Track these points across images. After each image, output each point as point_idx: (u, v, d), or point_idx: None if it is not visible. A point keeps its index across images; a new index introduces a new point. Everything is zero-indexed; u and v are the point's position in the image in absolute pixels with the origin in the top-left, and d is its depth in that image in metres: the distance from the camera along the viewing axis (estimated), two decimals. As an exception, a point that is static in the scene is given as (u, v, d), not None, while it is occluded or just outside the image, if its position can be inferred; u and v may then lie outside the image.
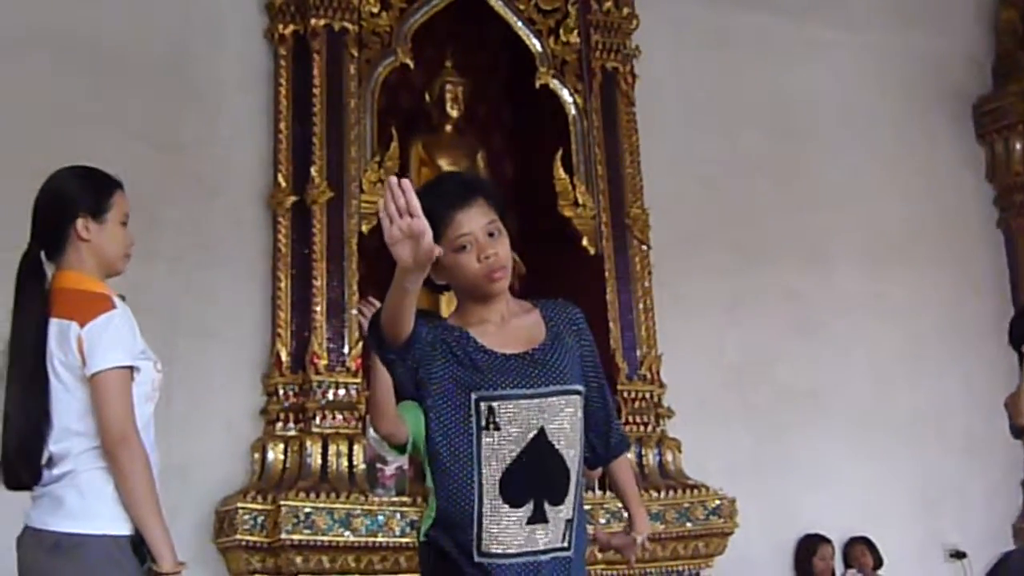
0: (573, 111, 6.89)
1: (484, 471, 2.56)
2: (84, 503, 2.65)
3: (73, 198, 2.86)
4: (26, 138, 5.17)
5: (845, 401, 7.41)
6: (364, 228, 6.31)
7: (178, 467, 5.84)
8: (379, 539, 5.79)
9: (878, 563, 7.11)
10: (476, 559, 2.56)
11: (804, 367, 7.33)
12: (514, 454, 2.56)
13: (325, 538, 5.69)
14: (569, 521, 2.61)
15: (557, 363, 2.65)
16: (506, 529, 2.56)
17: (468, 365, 2.60)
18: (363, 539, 5.76)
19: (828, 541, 7.14)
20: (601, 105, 6.93)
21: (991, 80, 8.51)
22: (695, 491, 6.31)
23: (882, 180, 7.93)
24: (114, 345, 2.68)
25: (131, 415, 2.67)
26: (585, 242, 6.59)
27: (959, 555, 7.36)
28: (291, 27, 6.39)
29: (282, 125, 6.30)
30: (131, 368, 2.71)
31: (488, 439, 2.57)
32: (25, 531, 2.68)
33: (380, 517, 5.82)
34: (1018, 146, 8.30)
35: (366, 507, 5.81)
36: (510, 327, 2.70)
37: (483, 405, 2.57)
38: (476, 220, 2.64)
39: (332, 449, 5.97)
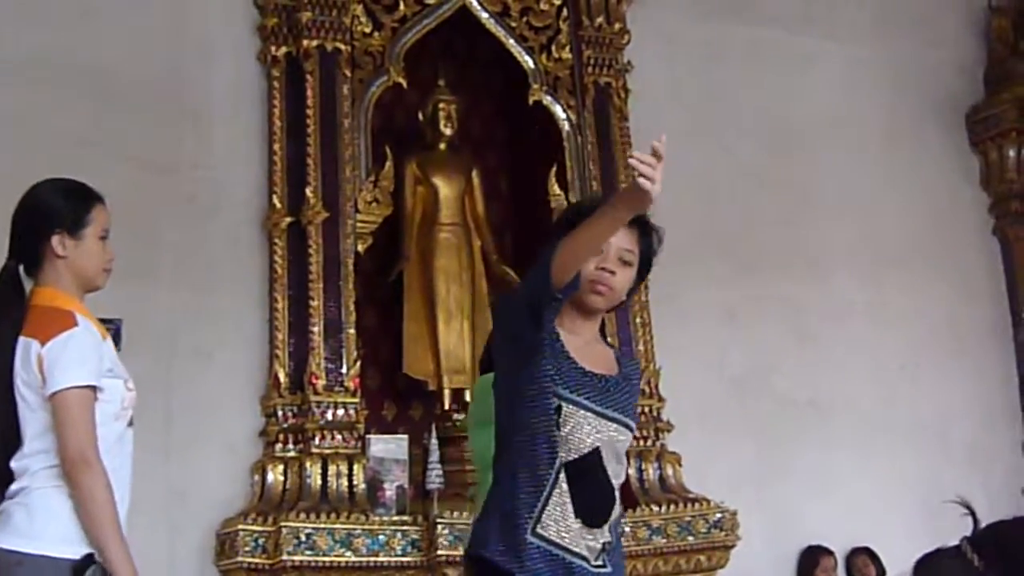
0: (567, 127, 6.89)
1: (559, 457, 2.60)
2: (30, 521, 2.59)
3: (50, 213, 2.83)
4: (22, 160, 5.17)
5: (845, 410, 7.39)
6: (360, 248, 6.31)
7: (178, 490, 5.85)
8: (380, 558, 5.78)
9: (881, 574, 7.09)
10: (529, 538, 2.57)
11: (804, 377, 7.32)
12: (573, 458, 2.61)
13: (326, 559, 5.68)
14: (608, 543, 2.66)
15: (623, 397, 2.72)
16: (558, 516, 2.59)
17: (554, 360, 2.64)
18: (364, 559, 5.75)
19: (831, 552, 7.11)
20: (595, 120, 6.94)
21: (983, 88, 8.50)
22: (696, 504, 6.29)
23: (877, 189, 7.92)
24: (74, 364, 2.63)
25: (92, 436, 2.61)
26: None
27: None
28: (283, 49, 6.40)
29: (276, 146, 6.31)
30: (93, 388, 2.65)
31: (558, 435, 2.61)
32: None
33: (381, 537, 5.81)
34: (1011, 153, 8.27)
35: (367, 527, 5.80)
36: (593, 349, 2.76)
37: (554, 400, 2.61)
38: (622, 239, 2.69)
39: (332, 469, 5.96)
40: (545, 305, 2.57)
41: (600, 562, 2.62)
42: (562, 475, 2.59)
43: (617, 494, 2.67)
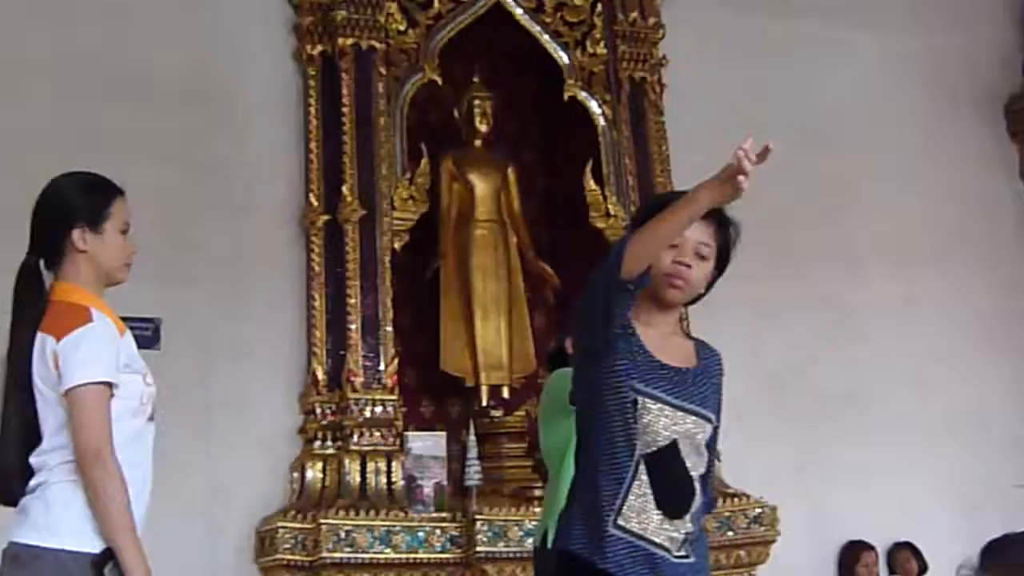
0: (602, 122, 6.89)
1: (638, 449, 2.62)
2: (48, 516, 2.58)
3: (70, 207, 2.79)
4: (59, 162, 5.20)
5: (884, 404, 7.35)
6: (396, 245, 6.33)
7: (218, 487, 5.88)
8: (420, 555, 5.80)
9: (923, 569, 7.07)
10: (611, 529, 2.59)
11: (841, 371, 7.29)
12: (650, 450, 2.62)
13: (366, 555, 5.71)
14: (689, 534, 2.66)
15: (702, 389, 2.71)
16: (638, 508, 2.60)
17: (628, 353, 2.64)
18: (403, 555, 5.77)
19: (872, 547, 7.10)
20: (630, 116, 6.94)
21: (1022, 77, 8.46)
22: (736, 500, 6.29)
23: (913, 182, 7.87)
24: (88, 360, 2.60)
25: (106, 432, 2.58)
26: (619, 250, 6.55)
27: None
28: (319, 47, 6.43)
29: (312, 145, 6.34)
30: (108, 384, 2.62)
31: (636, 428, 2.62)
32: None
33: (420, 533, 5.83)
34: (1053, 145, 8.25)
35: (406, 524, 5.82)
36: (671, 342, 2.75)
37: (631, 395, 2.62)
38: (699, 233, 2.68)
39: (371, 467, 5.98)
40: (616, 297, 2.56)
41: (683, 552, 2.63)
42: (641, 467, 2.60)
43: (697, 486, 2.67)
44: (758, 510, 6.33)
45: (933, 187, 7.94)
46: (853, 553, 7.07)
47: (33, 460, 2.63)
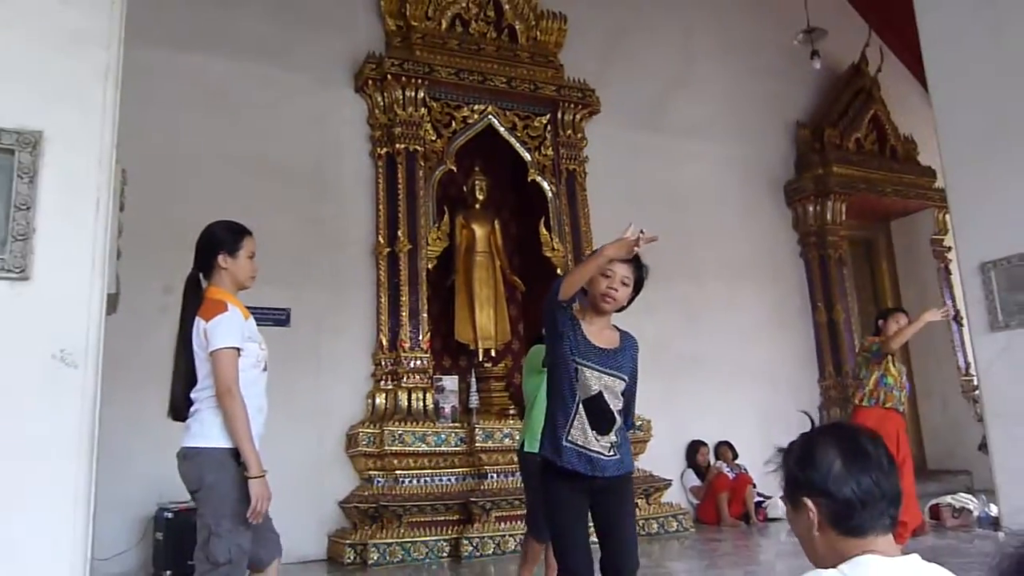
0: (550, 194, 6.93)
1: (577, 398, 2.62)
2: (202, 428, 2.52)
3: (217, 240, 2.70)
4: (228, 216, 5.25)
5: (715, 361, 7.42)
6: (429, 266, 6.35)
7: (324, 409, 5.91)
8: (442, 448, 5.84)
9: (735, 456, 7.15)
10: (564, 442, 2.61)
11: (690, 342, 7.35)
12: (586, 396, 2.61)
13: (410, 448, 5.75)
14: (614, 443, 2.65)
15: (620, 360, 2.67)
16: (580, 430, 2.61)
17: (573, 340, 2.63)
18: (433, 448, 5.81)
19: (705, 444, 7.20)
20: (566, 191, 6.95)
21: (794, 171, 8.51)
22: (631, 427, 6.33)
23: (734, 230, 7.93)
24: (224, 334, 2.53)
25: (234, 377, 2.51)
26: (559, 271, 6.63)
27: (782, 450, 7.35)
28: (384, 149, 6.45)
29: (380, 207, 6.35)
30: (236, 348, 2.54)
31: (577, 384, 2.62)
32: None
33: (442, 435, 5.87)
34: (810, 210, 8.30)
35: (434, 430, 5.86)
36: (603, 333, 2.70)
37: (573, 364, 2.61)
38: (623, 270, 2.66)
39: (414, 396, 6.03)
40: (558, 312, 2.62)
41: (612, 453, 2.64)
42: (580, 407, 2.62)
43: (617, 416, 2.66)
44: (641, 422, 6.40)
45: (745, 234, 7.99)
46: (694, 447, 7.17)
47: (192, 395, 2.58)
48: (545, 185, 6.91)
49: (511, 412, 6.21)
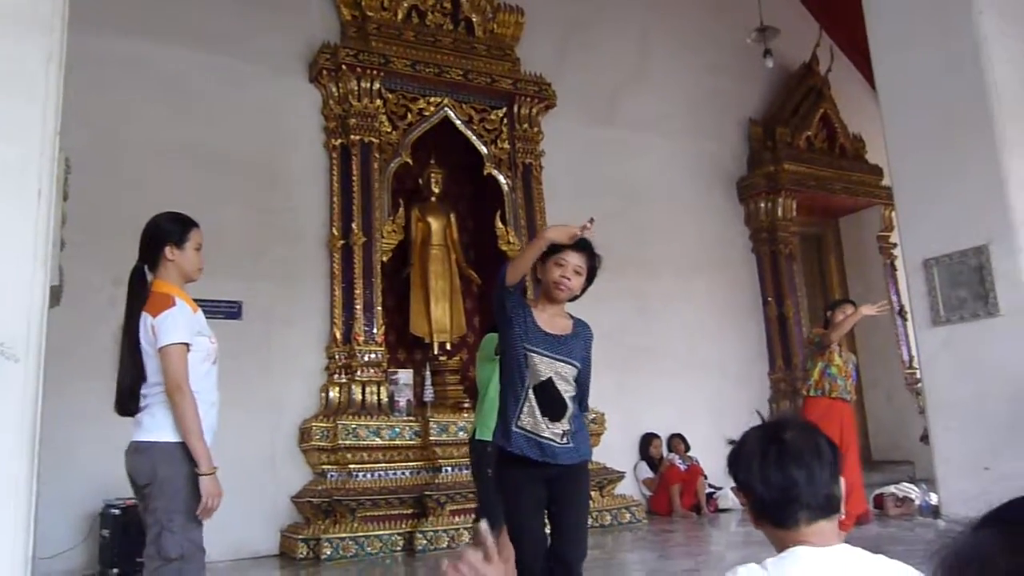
0: (507, 188, 6.91)
1: (527, 383, 2.63)
2: (154, 422, 2.49)
3: (163, 232, 2.65)
4: (180, 208, 5.17)
5: (668, 354, 7.49)
6: (384, 259, 6.31)
7: (276, 402, 5.84)
8: (396, 442, 5.81)
9: (687, 448, 7.22)
10: (514, 428, 2.62)
11: (643, 334, 7.39)
12: (536, 383, 2.62)
13: (364, 442, 5.71)
14: (568, 430, 2.65)
15: (570, 348, 2.68)
16: (530, 416, 2.62)
17: (522, 326, 2.63)
18: (387, 442, 5.78)
19: (658, 436, 7.25)
20: (522, 185, 6.95)
21: (747, 167, 8.60)
22: (585, 412, 6.36)
23: (688, 225, 8.00)
24: (172, 330, 2.50)
25: (184, 373, 2.48)
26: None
27: (732, 442, 7.43)
28: (339, 141, 6.38)
29: (335, 199, 6.28)
30: (186, 344, 2.51)
31: (526, 370, 2.62)
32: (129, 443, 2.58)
33: (396, 429, 5.84)
34: (762, 206, 8.40)
35: (389, 423, 5.82)
36: (555, 320, 2.71)
37: (522, 351, 2.62)
38: (575, 259, 2.67)
39: (368, 389, 5.98)
40: (505, 298, 2.62)
41: (566, 441, 2.64)
42: (530, 393, 2.62)
43: (569, 402, 2.66)
44: (594, 415, 6.42)
45: (698, 229, 8.07)
46: (647, 440, 7.21)
47: (143, 391, 2.54)
48: (501, 178, 6.90)
49: (466, 405, 6.20)
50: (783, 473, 1.29)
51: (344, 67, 6.29)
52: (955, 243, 5.07)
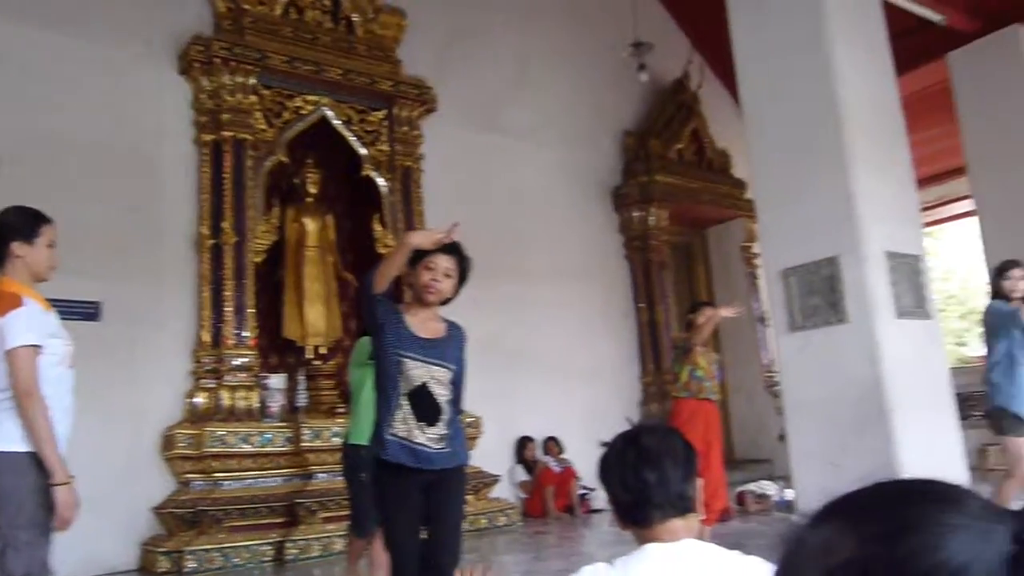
0: (385, 190, 6.85)
1: (400, 390, 2.61)
2: (1, 430, 2.35)
3: (12, 227, 2.51)
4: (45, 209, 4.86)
5: (544, 359, 7.60)
6: (257, 260, 6.15)
7: (140, 408, 5.59)
8: (267, 449, 5.67)
9: (561, 451, 7.34)
10: (387, 435, 2.59)
11: (519, 341, 7.46)
12: (410, 388, 2.61)
13: (232, 449, 5.55)
14: (444, 435, 2.64)
15: (444, 351, 2.67)
16: (403, 423, 2.60)
17: (396, 333, 2.61)
18: (257, 449, 5.64)
19: (533, 440, 7.35)
20: (401, 188, 6.91)
21: (621, 177, 8.83)
22: (460, 415, 6.38)
23: (565, 233, 8.14)
24: (22, 331, 2.38)
25: (34, 377, 2.36)
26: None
27: (604, 444, 7.60)
28: (211, 136, 6.16)
29: (204, 196, 6.07)
30: (35, 346, 2.39)
31: (399, 376, 2.60)
32: None
33: (268, 435, 5.70)
34: (634, 214, 8.61)
35: (259, 429, 5.68)
36: (427, 324, 2.69)
37: (395, 356, 2.60)
38: (445, 262, 2.66)
39: (237, 395, 5.81)
40: (374, 305, 2.60)
41: (442, 446, 2.63)
42: (403, 399, 2.61)
43: (444, 405, 2.65)
44: (471, 419, 6.44)
45: (574, 237, 8.22)
46: (523, 443, 7.29)
47: None
48: (380, 181, 6.83)
49: (341, 410, 6.10)
50: (637, 475, 1.37)
51: (217, 60, 6.09)
52: (810, 254, 5.36)
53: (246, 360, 5.89)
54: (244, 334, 5.91)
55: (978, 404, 7.98)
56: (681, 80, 9.31)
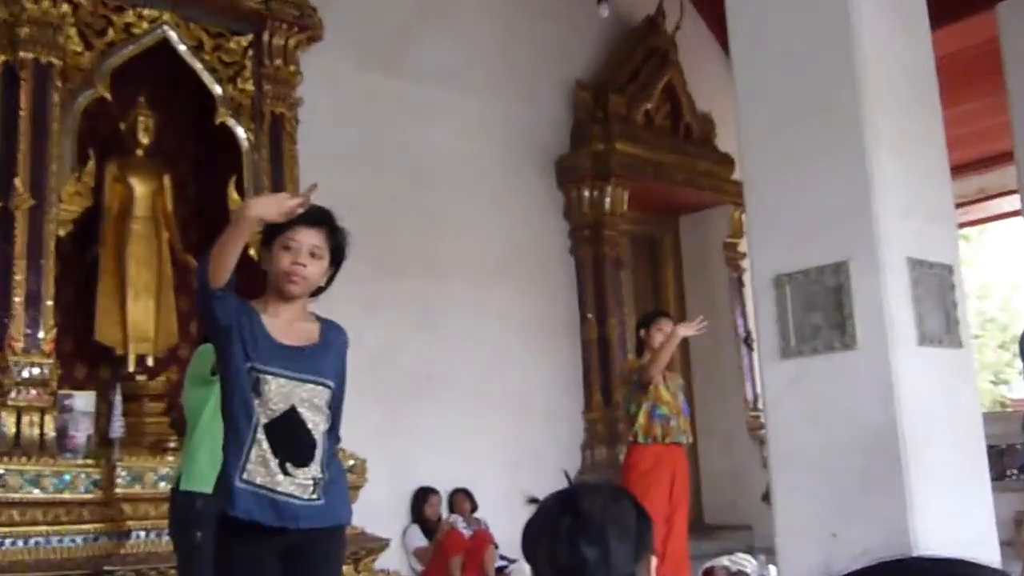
0: (246, 145, 6.76)
1: (254, 420, 2.59)
2: None
3: None
4: None
5: (455, 383, 7.61)
6: (62, 232, 6.01)
7: None
8: (65, 496, 5.54)
9: (474, 508, 7.35)
10: (238, 483, 2.55)
11: (424, 356, 7.47)
12: (272, 417, 2.59)
13: (16, 495, 5.40)
14: (318, 480, 2.62)
15: (318, 362, 2.67)
16: (261, 465, 2.57)
17: (250, 340, 2.59)
18: (51, 496, 5.51)
19: (436, 491, 7.33)
20: (269, 142, 6.82)
21: (569, 143, 8.89)
22: (341, 452, 6.31)
23: (490, 215, 8.17)
24: None
25: None
26: (252, 252, 6.44)
27: (534, 501, 7.65)
28: (2, 57, 5.97)
29: (-10, 140, 5.89)
30: None
31: (256, 400, 2.59)
32: None
33: (67, 477, 5.57)
34: (586, 194, 8.71)
35: (54, 468, 5.56)
36: (294, 327, 2.69)
37: (253, 373, 2.58)
38: (310, 238, 2.65)
39: (26, 419, 5.67)
40: (214, 303, 2.57)
41: (315, 496, 2.61)
42: (260, 434, 2.57)
43: (319, 438, 2.63)
44: (351, 462, 6.34)
45: (503, 220, 8.26)
46: (422, 496, 7.27)
47: None
48: (240, 132, 6.75)
49: (172, 445, 5.99)
50: (572, 550, 1.38)
51: (15, -48, 5.93)
52: (812, 257, 5.45)
53: (40, 371, 5.74)
54: (39, 335, 5.77)
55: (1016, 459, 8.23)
56: (654, 19, 9.41)
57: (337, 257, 2.76)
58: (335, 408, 2.73)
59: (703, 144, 9.49)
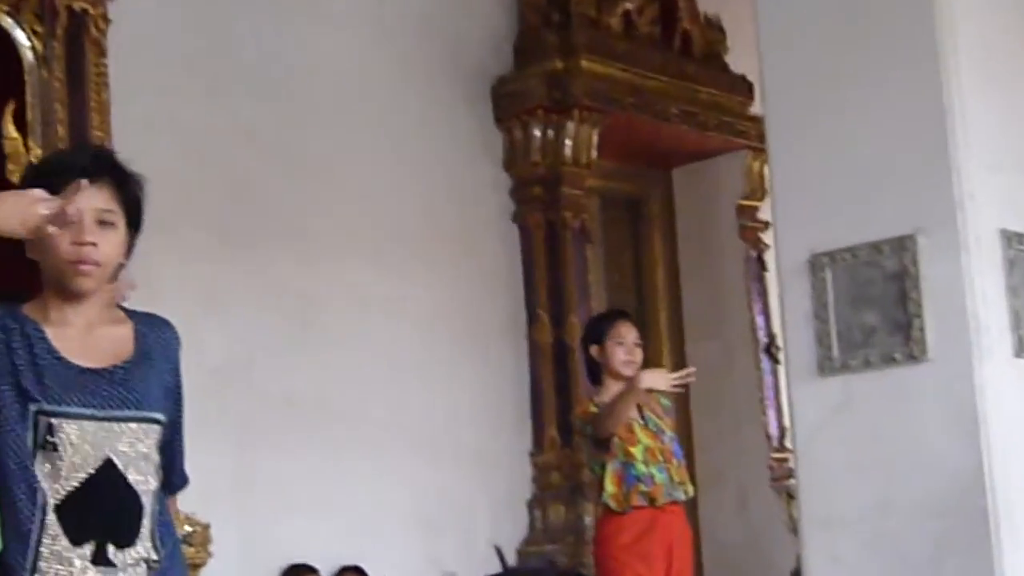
0: (31, 57, 6.63)
1: (41, 497, 2.52)
2: None
3: None
4: None
5: (341, 412, 7.50)
6: None
7: None
8: None
9: (371, 596, 7.26)
10: None
11: (297, 372, 7.36)
12: (73, 484, 2.54)
13: None
14: (151, 561, 2.61)
15: (139, 386, 2.62)
16: (56, 556, 2.54)
17: (32, 370, 2.55)
18: None
19: (315, 571, 7.21)
20: (66, 53, 6.67)
21: (512, 60, 8.82)
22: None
23: (392, 164, 8.07)
24: None
25: None
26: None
27: (456, 583, 7.65)
28: None
29: None
30: None
31: (46, 462, 2.53)
32: None
33: None
34: (537, 133, 8.58)
35: None
36: (95, 336, 2.65)
37: (42, 421, 2.53)
38: (95, 200, 2.58)
39: None
40: None
41: None
42: (50, 518, 2.52)
43: (147, 502, 2.60)
44: (187, 528, 6.24)
45: (414, 171, 8.17)
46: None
47: None
48: (21, 37, 6.62)
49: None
50: None
51: None
52: (864, 229, 5.41)
53: None
54: None
55: None
56: None
57: (134, 218, 2.70)
58: (172, 447, 2.74)
59: (708, 62, 9.50)
